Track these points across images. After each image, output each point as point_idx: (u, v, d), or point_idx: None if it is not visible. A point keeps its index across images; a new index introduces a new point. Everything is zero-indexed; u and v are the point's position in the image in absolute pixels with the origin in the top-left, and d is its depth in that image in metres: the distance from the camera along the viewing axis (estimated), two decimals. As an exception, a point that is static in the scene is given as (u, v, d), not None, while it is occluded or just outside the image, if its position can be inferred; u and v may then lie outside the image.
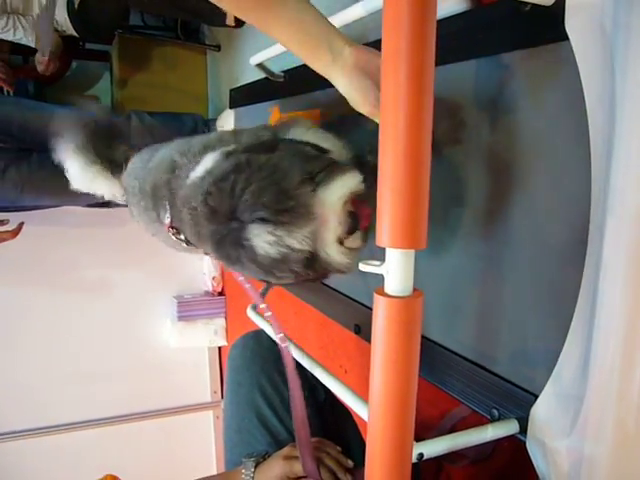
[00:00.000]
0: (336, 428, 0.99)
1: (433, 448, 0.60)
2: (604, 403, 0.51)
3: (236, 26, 2.23)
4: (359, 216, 0.64)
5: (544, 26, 0.62)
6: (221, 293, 2.71)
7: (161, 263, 2.57)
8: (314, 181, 0.61)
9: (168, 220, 0.78)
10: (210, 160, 0.69)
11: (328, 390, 0.78)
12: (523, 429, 0.63)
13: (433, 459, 0.60)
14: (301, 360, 0.86)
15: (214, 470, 2.69)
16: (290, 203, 0.58)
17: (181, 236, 0.77)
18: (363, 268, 0.45)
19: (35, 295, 2.41)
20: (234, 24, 2.21)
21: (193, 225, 0.68)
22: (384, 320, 0.42)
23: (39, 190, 1.93)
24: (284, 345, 0.81)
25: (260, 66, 1.21)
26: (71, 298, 2.47)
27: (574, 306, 0.56)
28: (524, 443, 0.63)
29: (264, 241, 0.58)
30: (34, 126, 1.92)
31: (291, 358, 0.80)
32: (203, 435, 2.74)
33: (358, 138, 0.85)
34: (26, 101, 2.12)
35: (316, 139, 0.79)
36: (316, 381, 0.82)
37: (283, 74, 1.25)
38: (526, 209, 0.66)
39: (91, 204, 2.11)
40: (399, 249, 0.42)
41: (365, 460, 0.48)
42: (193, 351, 2.71)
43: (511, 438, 0.64)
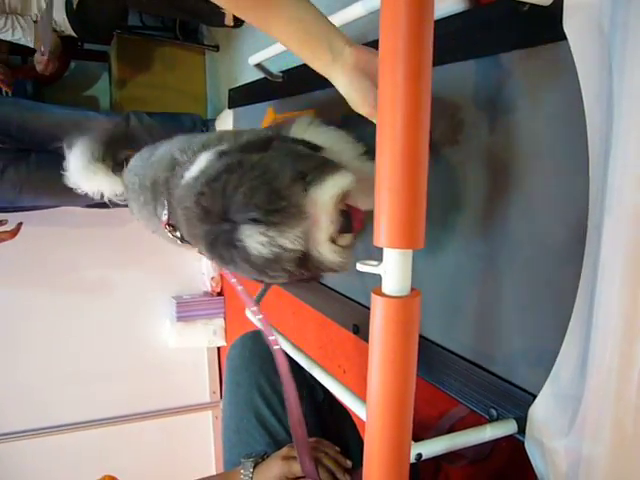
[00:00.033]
0: (335, 428, 0.99)
1: (431, 448, 0.60)
2: (602, 403, 0.51)
3: (235, 26, 2.23)
4: (352, 215, 0.64)
5: (542, 26, 0.62)
6: (220, 293, 2.71)
7: (160, 264, 2.57)
8: (306, 180, 0.61)
9: (165, 217, 0.78)
10: (204, 160, 0.69)
11: (327, 390, 0.78)
12: (521, 429, 0.63)
13: (432, 459, 0.60)
14: (299, 360, 0.86)
15: (213, 470, 2.69)
16: (282, 203, 0.58)
17: (177, 233, 0.77)
18: (361, 268, 0.45)
19: (34, 296, 2.41)
20: (233, 24, 2.21)
21: (187, 225, 0.69)
22: (382, 320, 0.42)
23: (37, 190, 1.94)
24: (276, 347, 0.81)
25: (259, 66, 1.21)
26: (70, 298, 2.47)
27: (572, 306, 0.57)
28: (522, 443, 0.63)
29: (256, 242, 0.58)
30: (32, 126, 1.92)
31: (284, 360, 0.80)
32: (202, 435, 2.74)
33: (358, 138, 0.85)
34: (24, 101, 2.12)
35: (316, 134, 0.79)
36: (315, 381, 0.82)
37: (282, 74, 1.25)
38: (524, 209, 0.66)
39: (90, 204, 2.10)
40: (397, 249, 0.42)
41: (363, 460, 0.48)
42: (192, 351, 2.70)
43: (509, 438, 0.65)
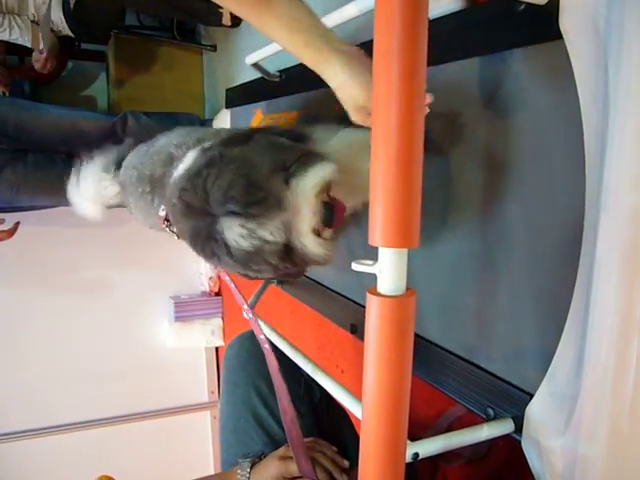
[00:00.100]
0: (332, 428, 0.99)
1: (428, 448, 0.60)
2: (598, 402, 0.51)
3: (232, 26, 2.23)
4: (335, 207, 0.64)
5: (538, 25, 0.62)
6: (218, 293, 2.71)
7: (158, 263, 2.57)
8: (287, 172, 0.61)
9: (163, 213, 0.78)
10: (191, 158, 0.69)
11: (324, 390, 0.78)
12: (518, 428, 0.63)
13: (429, 458, 0.60)
14: (296, 360, 0.86)
15: (211, 470, 2.69)
16: (260, 194, 0.58)
17: (173, 229, 0.78)
18: (356, 268, 0.45)
19: (32, 296, 2.40)
20: (230, 24, 2.21)
21: (175, 221, 0.70)
22: (377, 319, 0.42)
23: (35, 190, 1.93)
24: (265, 347, 0.82)
25: (255, 66, 1.21)
26: (68, 298, 2.46)
27: (569, 306, 0.56)
28: (519, 442, 0.63)
29: (236, 234, 0.59)
30: (30, 126, 1.92)
31: (273, 359, 0.80)
32: (200, 435, 2.74)
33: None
34: (22, 101, 2.12)
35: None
36: (312, 381, 0.82)
37: (279, 74, 1.25)
38: (520, 208, 0.66)
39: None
40: (391, 248, 0.42)
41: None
42: (190, 351, 2.70)
43: (506, 437, 0.65)
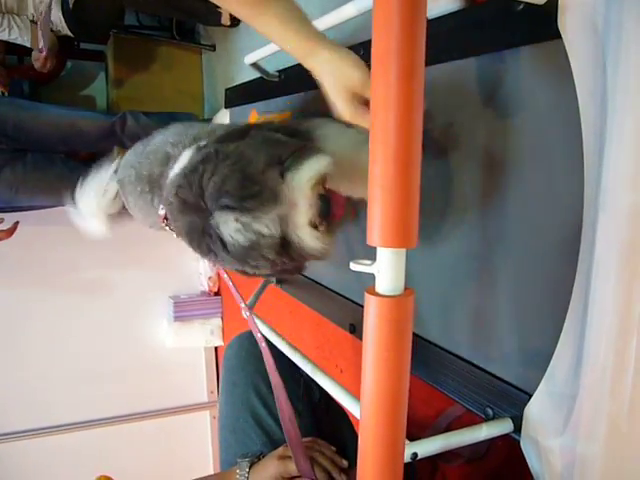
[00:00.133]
0: (331, 428, 0.99)
1: (427, 447, 0.60)
2: (597, 402, 0.51)
3: (231, 25, 2.23)
4: (332, 199, 0.64)
5: (537, 25, 0.62)
6: (217, 293, 2.71)
7: (157, 263, 2.57)
8: (283, 166, 0.61)
9: (163, 211, 0.78)
10: (186, 157, 0.69)
11: (323, 390, 0.78)
12: (517, 428, 0.63)
13: (428, 458, 0.60)
14: (295, 359, 0.86)
15: (211, 470, 2.69)
16: (255, 188, 0.58)
17: (172, 227, 0.78)
18: (354, 267, 0.45)
19: (32, 296, 2.40)
20: (229, 23, 2.21)
21: (172, 219, 0.70)
22: (375, 319, 0.42)
23: (34, 190, 1.93)
24: (262, 345, 0.82)
25: (254, 65, 1.20)
26: (68, 298, 2.47)
27: (568, 305, 0.56)
28: (518, 442, 0.63)
29: (231, 229, 0.59)
30: (29, 126, 1.92)
31: (269, 358, 0.80)
32: (200, 435, 2.74)
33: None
34: (21, 101, 2.12)
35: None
36: (311, 381, 0.82)
37: (278, 73, 1.25)
38: (519, 208, 0.66)
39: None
40: (390, 248, 0.42)
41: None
42: (190, 351, 2.70)
43: (505, 437, 0.64)
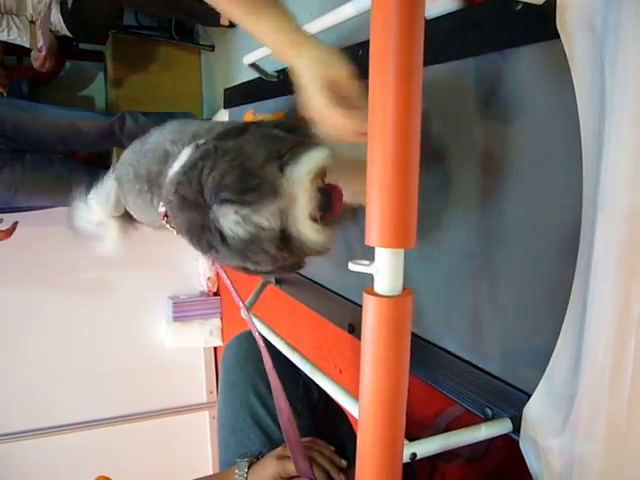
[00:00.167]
0: (330, 428, 0.99)
1: (426, 448, 0.60)
2: (595, 402, 0.51)
3: (230, 26, 2.23)
4: (332, 193, 0.65)
5: (535, 25, 0.62)
6: (216, 293, 2.71)
7: (156, 263, 2.57)
8: (282, 160, 0.62)
9: (163, 209, 0.79)
10: (185, 155, 0.70)
11: (322, 390, 0.78)
12: (516, 428, 0.63)
13: (427, 458, 0.60)
14: (293, 359, 0.86)
15: (210, 470, 2.69)
16: (254, 182, 0.59)
17: (172, 224, 0.78)
18: (352, 268, 0.45)
19: (32, 296, 2.41)
20: (228, 24, 2.21)
21: (173, 217, 0.70)
22: (374, 319, 0.42)
23: (33, 191, 1.94)
24: (261, 344, 0.82)
25: (253, 66, 1.20)
26: (67, 299, 2.47)
27: (567, 305, 0.57)
28: (517, 442, 0.63)
29: (231, 222, 0.59)
30: (28, 126, 1.92)
31: (268, 357, 0.80)
32: (199, 435, 2.74)
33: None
34: (20, 101, 2.12)
35: None
36: (310, 381, 0.82)
37: (277, 74, 1.25)
38: (518, 208, 0.66)
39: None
40: (388, 248, 0.42)
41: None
42: (189, 351, 2.70)
43: (505, 437, 0.65)
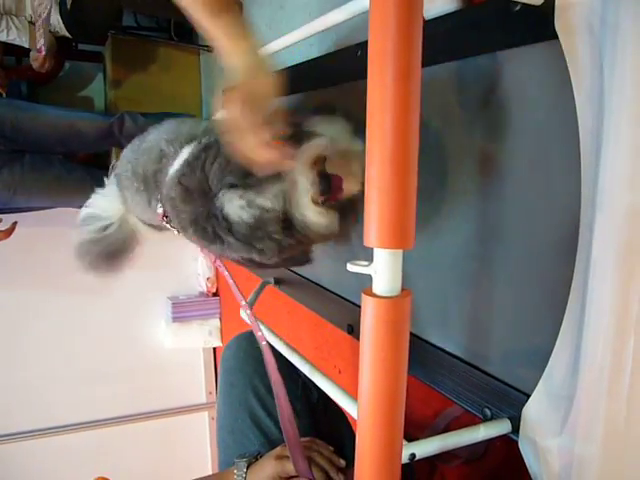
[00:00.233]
0: (329, 428, 0.99)
1: (425, 448, 0.60)
2: (594, 402, 0.51)
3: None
4: (332, 179, 0.66)
5: (534, 25, 0.62)
6: (215, 294, 2.71)
7: (156, 264, 2.56)
8: None
9: (161, 210, 0.79)
10: (187, 152, 0.71)
11: (321, 390, 0.78)
12: (515, 428, 0.63)
13: (426, 459, 0.60)
14: (293, 360, 0.86)
15: (209, 471, 2.69)
16: None
17: (173, 223, 0.78)
18: (351, 268, 0.45)
19: (31, 297, 2.41)
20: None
21: (175, 214, 0.71)
22: (372, 320, 0.42)
23: (31, 191, 1.93)
24: (263, 344, 0.82)
25: (252, 66, 1.20)
26: (66, 299, 2.46)
27: (566, 306, 0.56)
28: (516, 442, 0.63)
29: (236, 206, 0.60)
30: (27, 127, 1.92)
31: (271, 357, 0.80)
32: (198, 436, 2.74)
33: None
34: (19, 102, 2.12)
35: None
36: (309, 381, 0.82)
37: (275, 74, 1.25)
38: (517, 209, 0.66)
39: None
40: (387, 249, 0.42)
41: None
42: (188, 352, 2.70)
43: (503, 437, 0.65)
